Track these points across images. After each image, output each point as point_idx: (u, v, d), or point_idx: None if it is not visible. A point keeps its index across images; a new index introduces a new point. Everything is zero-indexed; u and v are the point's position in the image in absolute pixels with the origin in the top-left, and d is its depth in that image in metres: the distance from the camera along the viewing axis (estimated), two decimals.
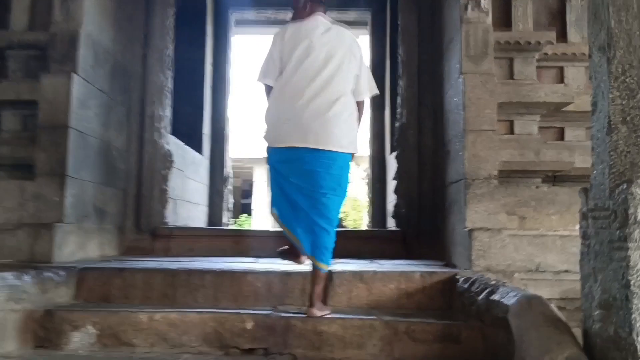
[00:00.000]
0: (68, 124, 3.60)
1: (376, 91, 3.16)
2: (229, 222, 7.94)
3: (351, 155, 2.97)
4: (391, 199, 5.66)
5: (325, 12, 3.10)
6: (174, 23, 5.07)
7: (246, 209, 24.52)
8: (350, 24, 8.63)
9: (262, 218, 18.68)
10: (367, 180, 8.14)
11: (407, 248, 4.45)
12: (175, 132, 7.39)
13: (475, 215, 3.44)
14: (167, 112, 4.89)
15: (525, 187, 3.58)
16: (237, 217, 18.44)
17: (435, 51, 4.49)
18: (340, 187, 2.91)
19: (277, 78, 2.97)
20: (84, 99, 3.81)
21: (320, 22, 2.99)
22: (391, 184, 6.18)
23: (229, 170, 8.06)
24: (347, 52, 2.95)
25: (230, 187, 8.04)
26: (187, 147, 6.54)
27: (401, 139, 4.68)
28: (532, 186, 3.61)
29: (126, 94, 4.63)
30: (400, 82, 4.82)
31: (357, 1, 8.00)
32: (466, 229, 3.43)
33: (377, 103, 7.76)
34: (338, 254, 3.10)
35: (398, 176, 4.77)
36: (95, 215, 4.06)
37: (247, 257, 4.37)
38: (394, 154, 5.42)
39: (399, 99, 4.88)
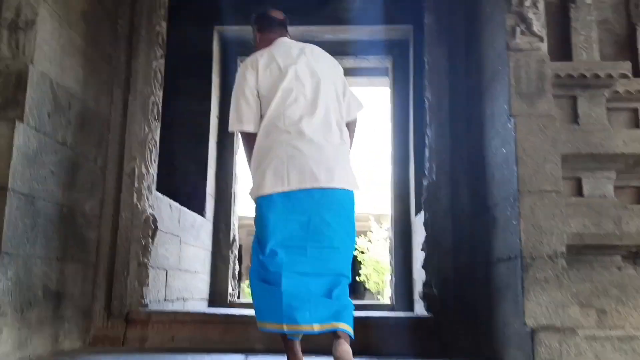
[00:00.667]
0: (7, 185, 2.82)
1: (363, 106, 2.74)
2: (234, 291, 7.04)
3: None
4: (418, 272, 4.73)
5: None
6: (164, 67, 4.36)
7: None
8: (369, 71, 8.01)
9: None
10: (389, 244, 7.21)
11: (441, 340, 3.49)
12: (176, 192, 6.64)
13: (538, 308, 2.51)
14: (152, 169, 4.11)
15: (602, 268, 2.68)
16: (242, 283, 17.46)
17: (471, 91, 3.67)
18: (352, 236, 2.51)
19: (258, 120, 2.51)
20: (34, 153, 3.05)
21: (290, 43, 2.66)
22: (418, 254, 5.27)
23: (235, 233, 7.23)
24: (331, 70, 2.64)
25: (236, 252, 7.19)
26: (185, 209, 5.75)
27: (431, 201, 3.80)
28: (612, 267, 2.70)
29: (101, 148, 3.88)
30: (428, 132, 3.99)
31: (376, 48, 7.32)
32: (527, 328, 2.50)
33: (401, 157, 6.95)
34: (354, 349, 2.26)
35: (427, 247, 3.87)
36: (47, 300, 3.22)
37: (238, 351, 3.47)
38: (421, 216, 4.54)
39: (426, 152, 4.05)
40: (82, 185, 3.60)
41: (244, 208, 16.90)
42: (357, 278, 18.51)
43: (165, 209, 5.08)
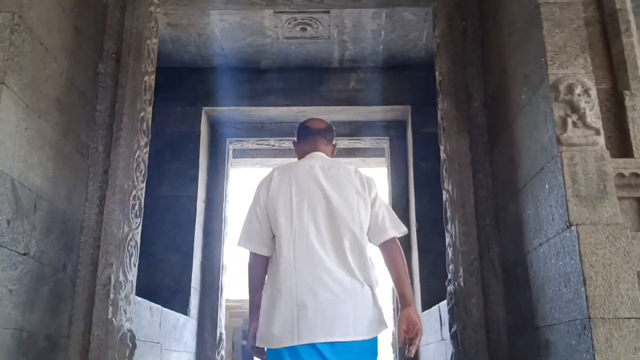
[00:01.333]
0: None
1: (405, 229, 2.42)
2: None
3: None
4: None
5: (332, 154, 2.56)
6: (147, 155, 3.87)
7: (247, 355, 22.40)
8: (365, 151, 7.64)
9: None
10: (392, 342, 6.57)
11: None
12: (157, 287, 6.03)
13: None
14: (131, 275, 3.54)
15: None
16: None
17: (501, 186, 3.24)
18: None
19: (270, 242, 2.27)
20: None
21: (321, 159, 2.41)
22: None
23: (222, 331, 6.54)
24: (353, 191, 2.30)
25: (223, 352, 6.47)
26: (167, 310, 5.11)
27: (459, 310, 3.26)
28: None
29: (71, 254, 3.31)
30: (450, 229, 3.51)
31: (372, 128, 6.98)
32: None
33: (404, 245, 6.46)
34: None
35: None
36: None
37: None
38: (439, 325, 4.00)
39: (449, 252, 3.55)
40: (46, 302, 3.00)
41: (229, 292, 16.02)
42: None
43: (144, 315, 4.45)
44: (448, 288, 3.49)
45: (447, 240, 3.55)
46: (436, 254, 6.02)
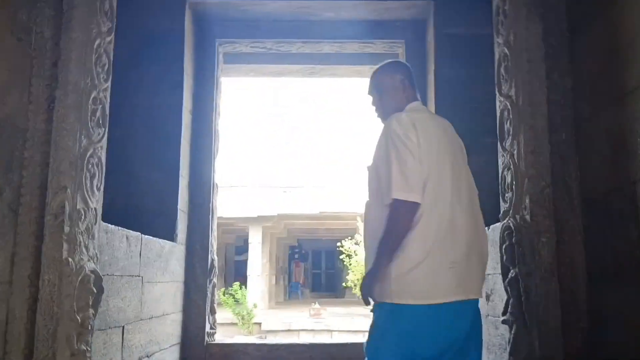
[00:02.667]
0: None
1: None
2: (212, 330, 5.68)
3: None
4: None
5: None
6: (113, 47, 2.95)
7: (240, 268, 22.18)
8: (375, 57, 6.68)
9: (257, 289, 16.29)
10: None
11: None
12: (137, 210, 5.25)
13: None
14: (94, 202, 2.73)
15: None
16: (229, 286, 16.10)
17: (591, 92, 2.39)
18: None
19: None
20: None
21: (429, 112, 2.67)
22: None
23: (214, 257, 5.85)
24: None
25: (215, 280, 5.82)
26: (148, 238, 4.36)
27: (522, 252, 2.49)
28: None
29: (11, 174, 2.48)
30: (511, 146, 2.70)
31: (385, 29, 5.99)
32: None
33: None
34: None
35: (515, 321, 2.56)
36: None
37: None
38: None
39: (505, 177, 2.75)
40: None
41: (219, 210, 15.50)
42: (343, 284, 17.38)
43: (119, 246, 3.70)
44: (504, 223, 2.71)
45: (503, 160, 2.74)
46: None
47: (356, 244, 14.93)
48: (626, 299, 2.10)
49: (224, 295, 14.76)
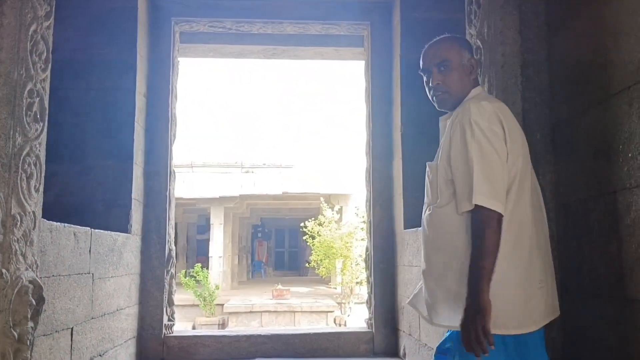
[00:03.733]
0: None
1: None
2: (170, 322, 5.48)
3: None
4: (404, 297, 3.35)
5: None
6: (51, 33, 2.67)
7: (202, 247, 21.86)
8: (339, 39, 6.44)
9: (219, 270, 16.08)
10: (365, 256, 5.86)
11: None
12: (89, 201, 4.99)
13: None
14: (32, 205, 2.48)
15: None
16: (191, 266, 15.83)
17: (570, 92, 2.25)
18: None
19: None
20: None
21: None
22: (407, 276, 3.85)
23: (171, 247, 5.62)
24: None
25: (172, 270, 5.59)
26: (99, 232, 4.10)
27: None
28: None
29: None
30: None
31: (349, 11, 5.78)
32: None
33: (381, 148, 5.57)
34: None
35: None
36: None
37: None
38: None
39: None
40: None
41: (180, 190, 15.13)
42: (306, 264, 17.29)
43: (66, 244, 3.44)
44: None
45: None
46: (424, 164, 5.15)
47: (319, 224, 14.84)
48: (603, 315, 2.00)
49: (185, 277, 14.50)
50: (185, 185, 15.44)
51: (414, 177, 5.11)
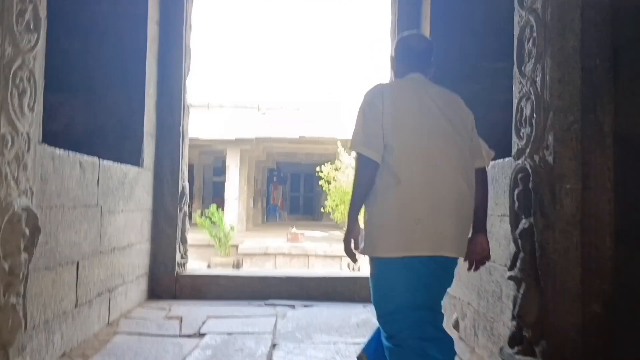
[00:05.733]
0: None
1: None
2: (183, 259, 5.35)
3: None
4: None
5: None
6: None
7: (218, 190, 21.83)
8: None
9: (234, 212, 16.01)
10: None
11: None
12: (99, 132, 4.78)
13: None
14: (25, 125, 2.25)
15: None
16: (206, 208, 15.78)
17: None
18: None
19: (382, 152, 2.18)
20: None
21: (422, 78, 2.36)
22: None
23: (184, 183, 5.43)
24: (463, 113, 2.33)
25: (186, 208, 5.42)
26: (108, 163, 3.90)
27: (540, 200, 2.10)
28: None
29: None
30: (533, 71, 2.24)
31: None
32: None
33: None
34: None
35: None
36: None
37: None
38: None
39: (522, 108, 2.33)
40: None
41: (196, 131, 14.91)
42: (321, 210, 17.17)
43: (70, 174, 3.24)
44: (517, 163, 2.30)
45: (521, 89, 2.30)
46: None
47: (335, 169, 14.59)
48: None
49: (200, 217, 14.47)
50: (202, 125, 15.19)
51: None
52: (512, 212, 2.32)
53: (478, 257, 2.25)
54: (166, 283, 5.16)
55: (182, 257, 5.36)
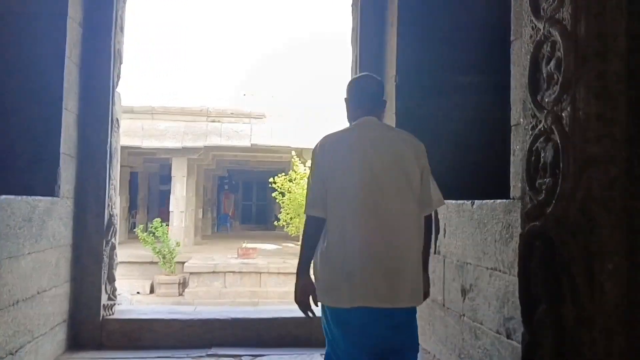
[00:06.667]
0: None
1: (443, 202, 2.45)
2: (110, 301, 4.58)
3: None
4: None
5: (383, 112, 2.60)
6: None
7: (164, 198, 20.72)
8: None
9: (179, 227, 15.13)
10: None
11: None
12: (7, 155, 4.00)
13: None
14: None
15: None
16: (151, 220, 14.82)
17: None
18: None
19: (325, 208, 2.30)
20: None
21: (374, 125, 2.43)
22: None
23: (113, 210, 4.66)
24: (409, 160, 2.32)
25: (113, 240, 4.66)
26: (9, 198, 3.15)
27: (565, 283, 1.51)
28: None
29: None
30: (551, 94, 1.63)
31: None
32: None
33: None
34: None
35: None
36: None
37: None
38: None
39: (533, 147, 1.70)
40: None
41: (138, 139, 13.97)
42: (274, 222, 16.47)
43: None
44: (533, 225, 1.71)
45: (536, 124, 1.71)
46: (423, 121, 4.28)
47: (290, 180, 13.94)
48: None
49: (143, 232, 13.55)
50: (145, 132, 14.26)
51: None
52: (522, 287, 1.74)
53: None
54: (90, 330, 4.39)
55: (109, 298, 4.59)
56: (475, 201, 2.70)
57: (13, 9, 4.10)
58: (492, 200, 2.49)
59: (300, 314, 2.38)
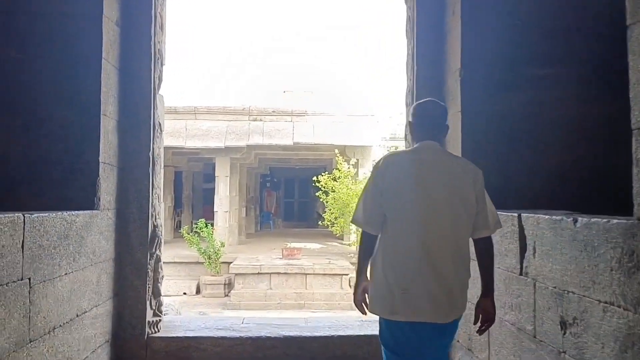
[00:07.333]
0: None
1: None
2: (155, 317, 4.30)
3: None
4: None
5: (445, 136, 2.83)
6: None
7: (209, 196, 20.66)
8: None
9: (224, 226, 14.94)
10: None
11: None
12: (42, 164, 3.75)
13: None
14: None
15: None
16: (197, 217, 14.68)
17: None
18: None
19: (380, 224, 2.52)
20: None
21: (432, 147, 2.58)
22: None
23: (157, 221, 4.38)
24: (467, 185, 2.50)
25: (158, 252, 4.37)
26: (42, 215, 2.87)
27: None
28: None
29: None
30: None
31: None
32: None
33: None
34: None
35: None
36: None
37: None
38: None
39: None
40: None
41: (181, 140, 13.84)
42: (317, 220, 16.13)
43: None
44: None
45: None
46: (494, 119, 3.82)
47: (334, 179, 13.55)
48: None
49: (189, 232, 13.43)
50: (188, 133, 14.13)
51: (474, 136, 3.82)
52: None
53: (482, 320, 2.53)
54: (134, 349, 4.13)
55: (154, 314, 4.32)
56: (579, 218, 2.26)
57: (45, 9, 3.84)
58: (606, 220, 2.05)
59: (354, 330, 2.47)
